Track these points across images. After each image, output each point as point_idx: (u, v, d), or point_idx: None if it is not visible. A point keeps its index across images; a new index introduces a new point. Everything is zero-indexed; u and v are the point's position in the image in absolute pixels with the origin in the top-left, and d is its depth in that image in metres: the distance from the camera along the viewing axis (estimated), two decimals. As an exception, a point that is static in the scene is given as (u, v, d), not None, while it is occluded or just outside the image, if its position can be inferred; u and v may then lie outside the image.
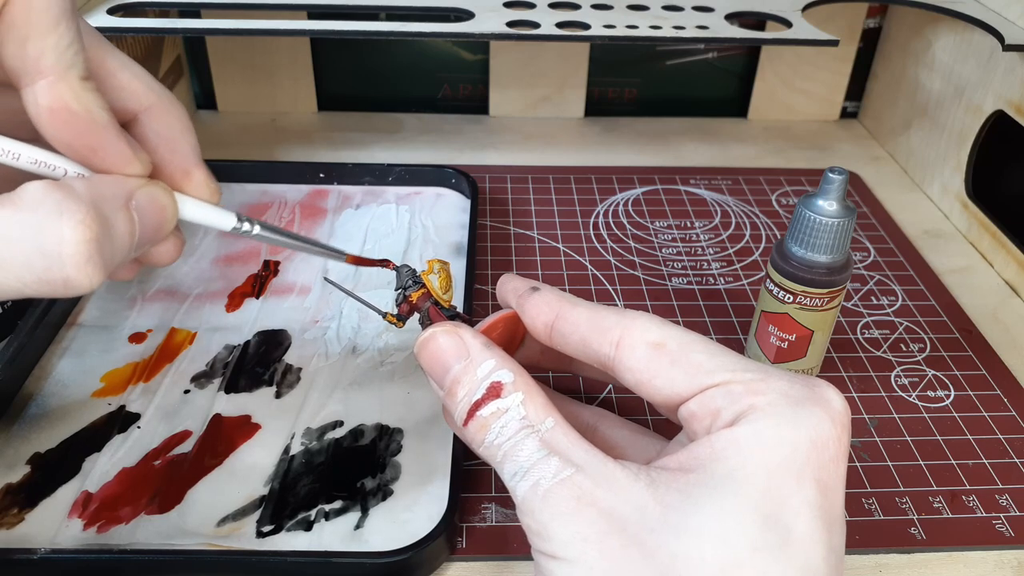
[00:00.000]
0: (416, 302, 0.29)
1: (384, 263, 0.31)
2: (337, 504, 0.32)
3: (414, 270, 0.30)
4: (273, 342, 0.40)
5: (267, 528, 0.31)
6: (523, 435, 0.23)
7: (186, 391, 0.37)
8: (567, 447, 0.23)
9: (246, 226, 0.26)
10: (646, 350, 0.25)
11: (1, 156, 0.22)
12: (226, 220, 0.26)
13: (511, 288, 0.28)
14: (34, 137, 0.22)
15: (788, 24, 0.47)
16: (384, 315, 0.30)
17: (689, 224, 0.52)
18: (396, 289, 0.30)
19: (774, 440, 0.22)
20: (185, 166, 0.25)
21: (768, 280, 0.36)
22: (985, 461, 0.35)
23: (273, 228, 0.27)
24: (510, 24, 0.44)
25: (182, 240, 0.26)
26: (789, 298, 0.35)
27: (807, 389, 0.23)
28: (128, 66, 0.24)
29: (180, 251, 0.26)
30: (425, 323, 0.29)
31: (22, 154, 0.22)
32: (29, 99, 0.21)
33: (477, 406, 0.24)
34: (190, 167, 0.25)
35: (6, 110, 0.24)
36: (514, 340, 0.29)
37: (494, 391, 0.24)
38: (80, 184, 0.21)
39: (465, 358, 0.25)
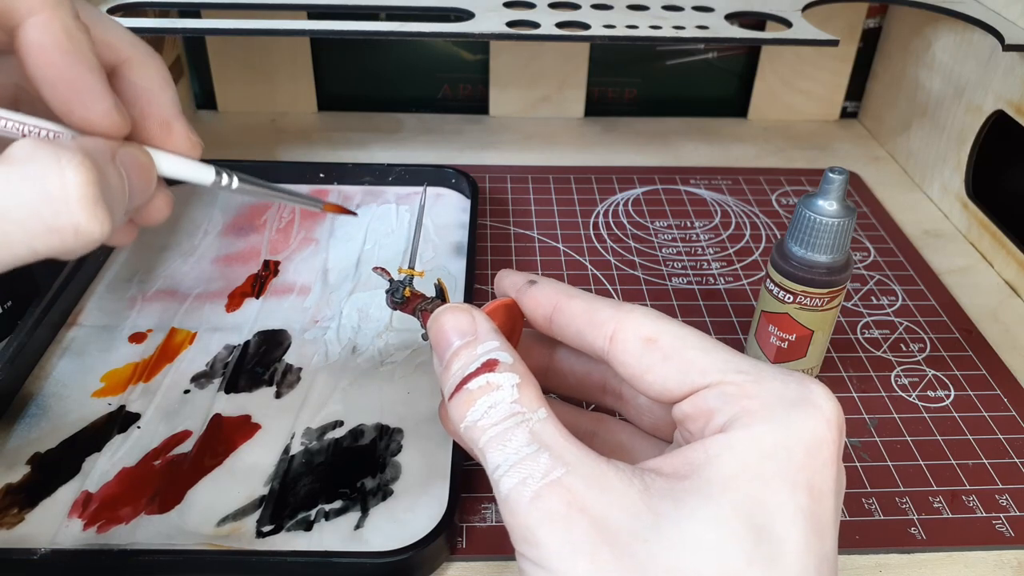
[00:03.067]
0: (419, 295, 0.30)
1: (352, 213, 0.31)
2: (337, 504, 0.32)
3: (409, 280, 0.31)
4: (273, 342, 0.40)
5: (267, 528, 0.31)
6: (513, 423, 0.22)
7: (186, 391, 0.37)
8: (558, 443, 0.22)
9: (225, 179, 0.26)
10: (639, 345, 0.24)
11: None
12: (205, 174, 0.26)
13: (509, 283, 0.28)
14: (12, 104, 0.22)
15: (788, 24, 0.47)
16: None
17: (689, 224, 0.52)
18: (388, 291, 0.30)
19: (768, 445, 0.21)
20: (165, 118, 0.25)
21: (768, 280, 0.36)
22: (985, 461, 0.35)
23: (251, 180, 0.27)
24: (510, 24, 0.44)
25: (170, 195, 0.26)
26: (789, 298, 0.35)
27: (801, 390, 0.23)
28: (104, 19, 0.24)
29: (170, 206, 0.26)
30: (425, 310, 0.29)
31: (8, 119, 0.22)
32: (20, 38, 0.21)
33: (467, 380, 0.23)
34: (170, 119, 0.25)
35: None
36: (514, 332, 0.29)
37: (488, 366, 0.23)
38: (67, 141, 0.21)
39: (471, 335, 0.25)
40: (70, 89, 0.22)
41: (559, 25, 0.45)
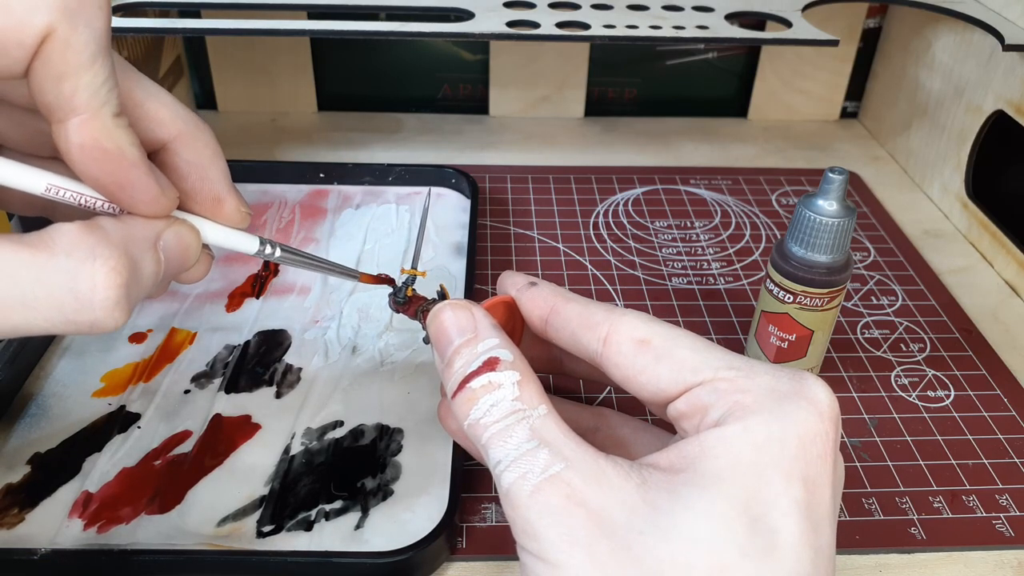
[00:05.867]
0: (421, 297, 0.30)
1: (390, 281, 0.32)
2: (337, 504, 0.32)
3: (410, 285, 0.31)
4: (273, 342, 0.40)
5: (267, 528, 0.31)
6: (514, 419, 0.23)
7: (186, 391, 0.37)
8: (558, 439, 0.22)
9: (268, 249, 0.27)
10: (632, 346, 0.25)
11: (44, 191, 0.22)
12: (249, 244, 0.27)
13: (511, 284, 0.29)
14: (56, 155, 0.22)
15: (788, 24, 0.47)
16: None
17: (689, 224, 0.52)
18: (391, 294, 0.31)
19: (762, 437, 0.22)
20: (216, 193, 0.25)
21: (768, 280, 0.36)
22: (985, 461, 0.35)
23: (293, 251, 0.28)
24: (510, 24, 0.44)
25: (210, 258, 0.26)
26: (789, 298, 0.35)
27: (793, 383, 0.23)
28: (155, 95, 0.24)
29: (209, 267, 0.26)
30: (426, 311, 0.30)
31: (64, 188, 0.22)
32: (60, 135, 0.21)
33: (469, 378, 0.24)
34: (221, 194, 0.25)
35: (34, 131, 0.25)
36: (515, 331, 0.29)
37: (489, 365, 0.24)
38: (112, 225, 0.21)
39: (471, 332, 0.25)
40: (114, 184, 0.22)
41: (559, 25, 0.45)
